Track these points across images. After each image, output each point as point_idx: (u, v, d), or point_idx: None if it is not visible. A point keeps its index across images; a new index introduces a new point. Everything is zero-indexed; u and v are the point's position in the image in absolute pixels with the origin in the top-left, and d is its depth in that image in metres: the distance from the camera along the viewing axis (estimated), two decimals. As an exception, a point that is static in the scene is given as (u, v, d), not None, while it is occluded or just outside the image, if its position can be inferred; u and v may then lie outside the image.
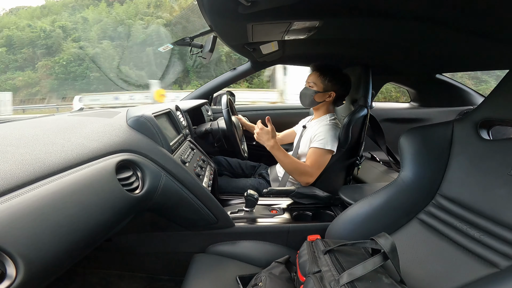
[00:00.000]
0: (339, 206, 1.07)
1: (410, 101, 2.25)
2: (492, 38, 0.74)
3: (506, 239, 0.55)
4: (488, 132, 0.69)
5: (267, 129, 1.13)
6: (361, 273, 0.51)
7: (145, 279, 0.96)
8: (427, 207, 0.73)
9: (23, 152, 0.46)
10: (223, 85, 1.87)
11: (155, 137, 0.77)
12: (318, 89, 1.21)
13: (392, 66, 1.51)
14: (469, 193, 0.65)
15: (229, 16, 0.72)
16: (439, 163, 0.73)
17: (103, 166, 0.55)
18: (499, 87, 0.67)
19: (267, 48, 1.22)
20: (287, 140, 1.58)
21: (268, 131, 1.12)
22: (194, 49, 1.32)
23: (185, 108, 1.29)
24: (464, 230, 0.63)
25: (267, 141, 1.12)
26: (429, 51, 1.05)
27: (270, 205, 1.06)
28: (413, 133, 0.79)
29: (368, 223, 0.77)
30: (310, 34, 0.90)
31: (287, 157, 1.13)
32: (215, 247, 0.89)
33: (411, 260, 0.66)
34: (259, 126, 1.14)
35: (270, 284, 0.66)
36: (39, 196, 0.40)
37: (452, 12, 0.65)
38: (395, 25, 0.80)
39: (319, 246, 0.67)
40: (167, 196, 0.73)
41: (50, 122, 0.68)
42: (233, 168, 1.52)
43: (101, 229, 0.50)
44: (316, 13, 0.74)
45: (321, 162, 1.15)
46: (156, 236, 0.90)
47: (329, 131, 1.16)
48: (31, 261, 0.35)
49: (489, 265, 0.55)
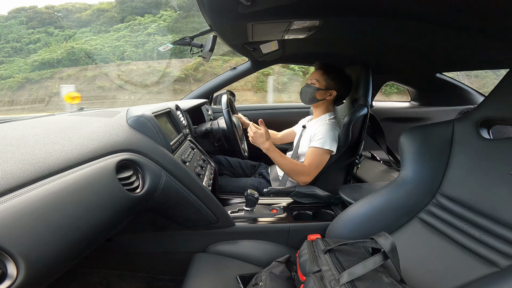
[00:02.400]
0: (339, 205, 1.08)
1: (411, 100, 2.25)
2: (492, 38, 0.74)
3: (506, 238, 0.55)
4: (488, 131, 0.69)
5: (261, 132, 1.13)
6: (361, 272, 0.51)
7: (146, 278, 0.96)
8: (427, 206, 0.73)
9: (23, 152, 0.46)
10: (223, 84, 1.87)
11: (156, 137, 0.77)
12: (320, 87, 1.21)
13: (392, 66, 1.51)
14: (470, 192, 0.65)
15: (229, 15, 0.72)
16: (440, 162, 0.73)
17: (103, 165, 0.55)
18: (499, 87, 0.67)
19: (267, 48, 1.22)
20: (286, 140, 1.58)
21: (263, 134, 1.12)
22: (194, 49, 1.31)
23: (185, 108, 1.29)
24: (464, 229, 0.63)
25: (262, 143, 1.13)
26: (429, 51, 1.05)
27: (270, 204, 1.06)
28: (414, 132, 0.79)
29: (368, 222, 0.77)
30: (310, 34, 0.90)
31: (283, 158, 1.13)
32: (215, 246, 0.89)
33: (411, 259, 0.66)
34: (253, 129, 1.15)
35: (270, 283, 0.66)
36: (40, 196, 0.40)
37: (452, 12, 0.64)
38: (395, 25, 0.80)
39: (319, 246, 0.67)
40: (167, 195, 0.73)
41: (50, 122, 0.68)
42: (233, 168, 1.52)
43: (101, 229, 0.50)
44: (316, 12, 0.74)
45: (319, 161, 1.15)
46: (156, 235, 0.90)
47: (328, 131, 1.16)
48: (32, 261, 0.36)
49: (489, 264, 0.55)
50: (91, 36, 13.15)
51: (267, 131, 1.13)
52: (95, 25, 13.90)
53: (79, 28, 13.83)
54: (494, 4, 0.57)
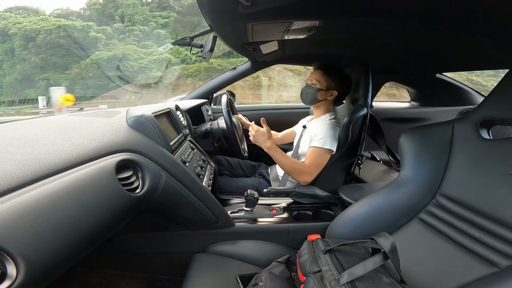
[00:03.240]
0: (339, 205, 1.07)
1: (410, 101, 2.25)
2: (492, 38, 0.74)
3: (506, 239, 0.55)
4: (488, 132, 0.69)
5: (263, 131, 1.13)
6: (361, 272, 0.51)
7: (145, 279, 0.96)
8: (427, 206, 0.73)
9: (23, 152, 0.46)
10: (223, 85, 1.87)
11: (155, 137, 0.77)
12: (321, 87, 1.21)
13: (392, 66, 1.52)
14: (470, 192, 0.65)
15: (229, 15, 0.72)
16: (440, 163, 0.73)
17: (103, 166, 0.55)
18: (499, 87, 0.67)
19: (267, 48, 1.23)
20: (286, 140, 1.58)
21: (264, 133, 1.12)
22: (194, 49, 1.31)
23: (185, 108, 1.29)
24: (464, 230, 0.63)
25: (263, 142, 1.12)
26: (429, 51, 1.05)
27: (270, 204, 1.06)
28: (413, 132, 0.79)
29: (368, 222, 0.77)
30: (310, 34, 0.90)
31: (284, 157, 1.13)
32: (215, 246, 0.89)
33: (411, 259, 0.66)
34: (254, 128, 1.15)
35: (270, 283, 0.66)
36: (40, 196, 0.40)
37: (452, 12, 0.65)
38: (395, 25, 0.80)
39: (319, 246, 0.67)
40: (167, 196, 0.73)
41: (50, 122, 0.68)
42: (233, 168, 1.52)
43: (101, 229, 0.50)
44: (316, 12, 0.74)
45: (320, 161, 1.15)
46: (156, 236, 0.90)
47: (328, 130, 1.16)
48: (31, 261, 0.35)
49: (489, 264, 0.55)
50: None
51: (269, 130, 1.13)
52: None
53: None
54: (494, 4, 0.57)
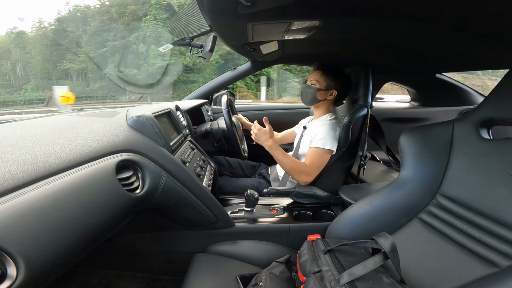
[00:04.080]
0: (339, 205, 1.07)
1: (411, 101, 2.25)
2: (492, 38, 0.74)
3: (506, 239, 0.55)
4: (488, 132, 0.69)
5: (265, 129, 1.13)
6: (362, 272, 0.51)
7: (145, 279, 0.96)
8: (427, 206, 0.73)
9: (23, 152, 0.46)
10: (223, 85, 1.87)
11: (155, 137, 0.77)
12: (321, 87, 1.21)
13: (392, 66, 1.51)
14: (470, 192, 0.65)
15: (229, 16, 0.72)
16: (440, 163, 0.73)
17: (103, 166, 0.55)
18: (499, 87, 0.67)
19: (267, 48, 1.22)
20: (286, 140, 1.58)
21: (266, 131, 1.13)
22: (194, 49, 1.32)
23: (185, 108, 1.29)
24: (464, 230, 0.63)
25: (265, 141, 1.13)
26: (429, 51, 1.05)
27: (270, 204, 1.06)
28: (413, 132, 0.79)
29: (368, 222, 0.77)
30: (310, 34, 0.90)
31: (285, 157, 1.13)
32: (215, 247, 0.89)
33: (411, 259, 0.66)
34: (257, 127, 1.15)
35: (270, 284, 0.66)
36: (40, 196, 0.40)
37: (452, 12, 0.65)
38: (395, 25, 0.80)
39: (319, 246, 0.67)
40: (167, 196, 0.73)
41: (50, 122, 0.68)
42: (233, 168, 1.52)
43: (101, 229, 0.50)
44: (316, 13, 0.74)
45: (320, 161, 1.15)
46: (156, 236, 0.90)
47: (329, 130, 1.16)
48: (31, 261, 0.35)
49: (489, 264, 0.55)
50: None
51: (271, 129, 1.14)
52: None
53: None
54: (494, 4, 0.57)
